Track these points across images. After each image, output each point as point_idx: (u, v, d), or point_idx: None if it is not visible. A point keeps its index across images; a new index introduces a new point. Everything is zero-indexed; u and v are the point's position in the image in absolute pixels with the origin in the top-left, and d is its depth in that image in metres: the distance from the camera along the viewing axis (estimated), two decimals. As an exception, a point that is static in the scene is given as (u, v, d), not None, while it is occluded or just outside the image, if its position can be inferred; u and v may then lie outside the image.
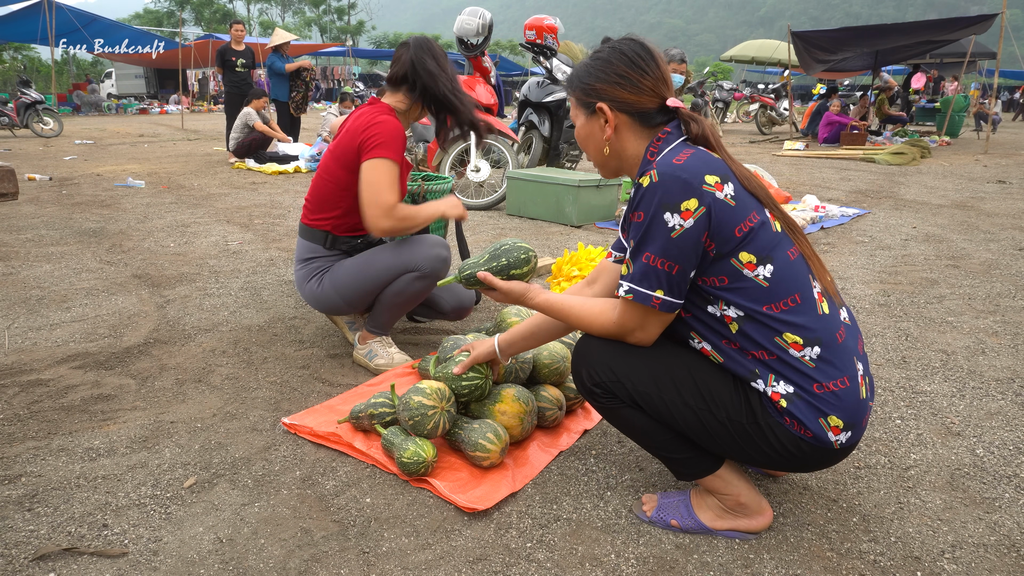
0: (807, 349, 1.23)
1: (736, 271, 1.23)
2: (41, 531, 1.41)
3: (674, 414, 1.31)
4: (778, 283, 1.23)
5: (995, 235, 4.58)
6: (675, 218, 1.19)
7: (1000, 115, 17.81)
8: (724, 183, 1.22)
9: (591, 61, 1.36)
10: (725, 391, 1.28)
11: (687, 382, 1.30)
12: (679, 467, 1.39)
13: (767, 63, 17.85)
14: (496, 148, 5.40)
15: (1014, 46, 13.35)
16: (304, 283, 2.24)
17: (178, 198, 5.72)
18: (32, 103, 12.49)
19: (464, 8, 5.30)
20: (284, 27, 50.63)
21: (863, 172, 8.27)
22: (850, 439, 1.25)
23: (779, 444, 1.25)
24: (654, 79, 1.32)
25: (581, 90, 1.37)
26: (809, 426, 1.23)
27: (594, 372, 1.36)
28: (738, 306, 1.25)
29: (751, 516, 1.40)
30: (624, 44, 1.34)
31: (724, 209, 1.21)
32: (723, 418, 1.27)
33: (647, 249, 1.23)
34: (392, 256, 2.12)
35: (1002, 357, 2.44)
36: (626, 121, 1.35)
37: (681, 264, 1.22)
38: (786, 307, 1.23)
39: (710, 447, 1.33)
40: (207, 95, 27.40)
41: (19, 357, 2.32)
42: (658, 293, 1.23)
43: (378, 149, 2.01)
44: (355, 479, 1.62)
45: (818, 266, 1.31)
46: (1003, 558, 1.37)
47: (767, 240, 1.24)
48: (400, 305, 2.18)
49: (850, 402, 1.24)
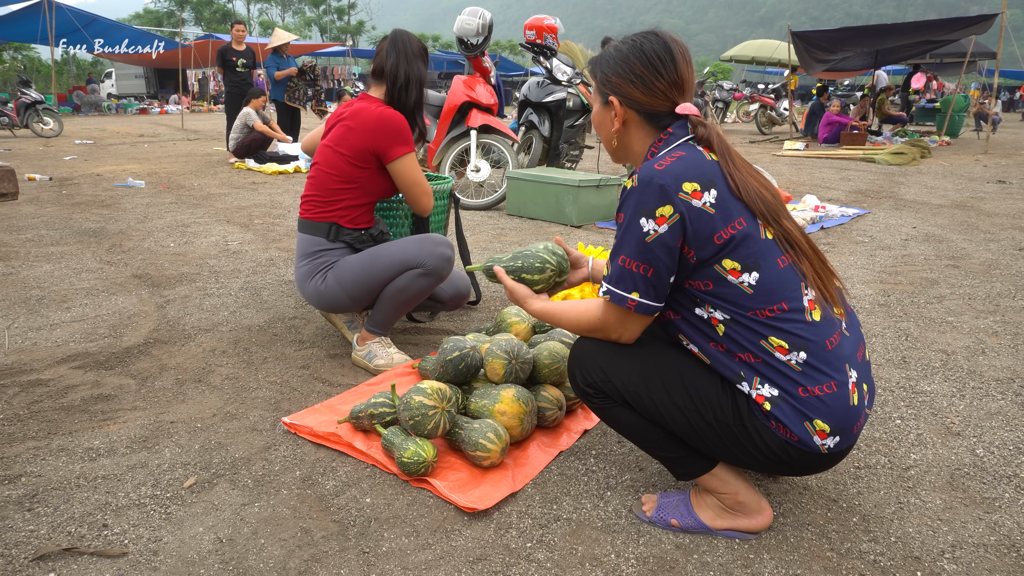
0: (792, 353, 1.22)
1: (720, 277, 1.24)
2: (41, 531, 1.41)
3: (663, 413, 1.32)
4: (763, 290, 1.23)
5: (995, 235, 4.58)
6: (650, 223, 1.21)
7: (1000, 115, 17.81)
8: (705, 190, 1.22)
9: (615, 51, 1.36)
10: (712, 391, 1.28)
11: (676, 382, 1.31)
12: (674, 466, 1.40)
13: (767, 63, 17.85)
14: (496, 148, 5.40)
15: (1014, 46, 13.35)
16: (307, 280, 2.23)
17: (178, 198, 5.72)
18: (32, 103, 12.49)
19: (464, 8, 5.30)
20: (284, 27, 50.62)
21: (863, 172, 8.27)
22: (839, 444, 1.24)
23: (766, 447, 1.25)
24: (668, 82, 1.31)
25: (600, 79, 1.39)
26: (794, 430, 1.22)
27: (587, 373, 1.39)
28: (724, 310, 1.25)
29: (751, 515, 1.40)
30: (647, 41, 1.32)
31: (700, 217, 1.21)
32: (710, 419, 1.28)
33: (623, 252, 1.25)
34: (397, 252, 2.13)
35: (1002, 357, 2.44)
36: (635, 118, 1.36)
37: (656, 268, 1.23)
38: (771, 313, 1.23)
39: (700, 448, 1.34)
40: (207, 95, 27.41)
41: (19, 357, 2.32)
42: (633, 295, 1.25)
43: (400, 147, 2.16)
44: (355, 479, 1.62)
45: (818, 273, 1.29)
46: (1003, 558, 1.37)
47: (752, 248, 1.23)
48: (402, 303, 2.18)
49: (837, 407, 1.22)
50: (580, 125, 6.20)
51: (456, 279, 2.40)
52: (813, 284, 1.27)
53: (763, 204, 1.26)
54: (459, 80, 5.40)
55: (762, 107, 15.42)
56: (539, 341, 2.06)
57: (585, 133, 6.45)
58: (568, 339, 2.03)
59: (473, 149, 5.25)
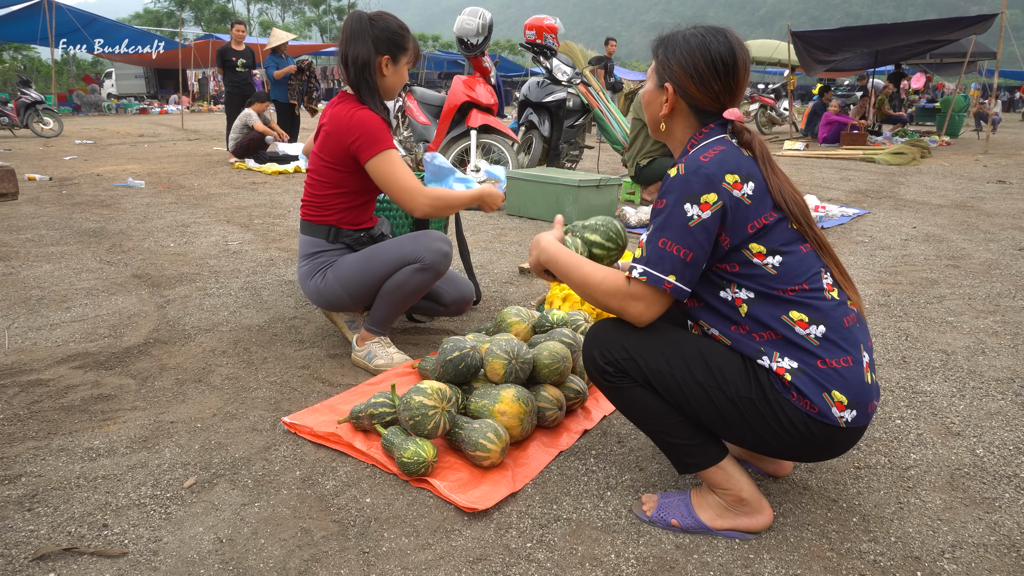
0: (812, 327, 1.28)
1: (747, 260, 1.30)
2: (41, 531, 1.41)
3: (685, 393, 1.33)
4: (786, 271, 1.30)
5: (995, 235, 4.58)
6: (694, 209, 1.27)
7: (1000, 115, 17.80)
8: (744, 182, 1.29)
9: (683, 41, 1.37)
10: (734, 368, 1.32)
11: (697, 360, 1.33)
12: (683, 455, 1.40)
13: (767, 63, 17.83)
14: (496, 148, 5.40)
15: (1014, 46, 13.36)
16: (307, 279, 2.25)
17: (178, 198, 5.72)
18: (32, 103, 12.50)
19: (464, 8, 5.30)
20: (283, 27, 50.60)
21: (863, 172, 8.27)
22: (856, 419, 1.28)
23: (789, 423, 1.28)
24: (723, 87, 1.35)
25: (661, 61, 1.41)
26: (814, 400, 1.26)
27: (607, 351, 1.38)
28: (749, 288, 1.31)
29: (752, 514, 1.40)
30: (716, 41, 1.35)
31: (739, 206, 1.28)
32: (732, 395, 1.30)
33: (665, 235, 1.28)
34: (395, 248, 2.13)
35: (1002, 357, 2.44)
36: (683, 108, 1.40)
37: (695, 252, 1.28)
38: (793, 292, 1.30)
39: (721, 431, 1.35)
40: (207, 95, 27.40)
41: (19, 357, 2.32)
42: (670, 278, 1.29)
43: (373, 146, 2.07)
44: (355, 479, 1.62)
45: (838, 267, 1.37)
46: (1003, 558, 1.37)
47: (779, 235, 1.31)
48: (400, 300, 2.17)
49: (854, 381, 1.27)
50: (580, 125, 6.20)
51: (459, 284, 2.39)
52: (834, 270, 1.35)
53: (796, 207, 1.33)
54: (459, 80, 5.40)
55: (762, 107, 15.40)
56: (539, 341, 2.06)
57: (585, 133, 6.46)
58: (568, 339, 2.03)
59: (473, 149, 5.25)
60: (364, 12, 2.14)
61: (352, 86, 2.14)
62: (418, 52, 2.24)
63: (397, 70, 2.17)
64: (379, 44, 2.11)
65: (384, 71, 2.14)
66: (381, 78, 2.15)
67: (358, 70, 2.10)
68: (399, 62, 2.17)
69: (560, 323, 2.19)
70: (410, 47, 2.18)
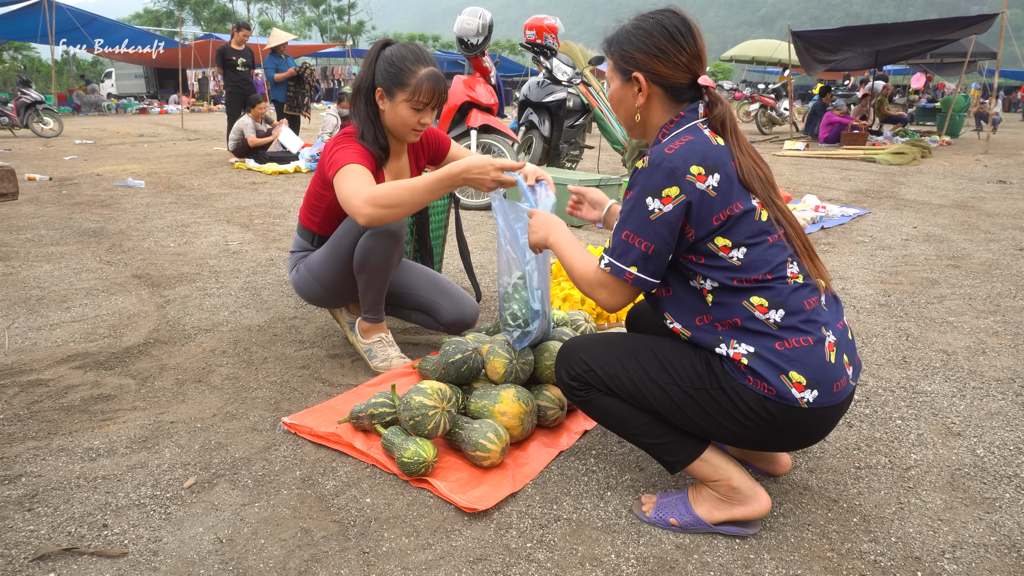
0: (771, 312, 1.29)
1: (712, 252, 1.31)
2: (41, 531, 1.41)
3: (644, 392, 1.37)
4: (751, 263, 1.30)
5: (995, 235, 4.58)
6: (655, 203, 1.29)
7: (1000, 115, 17.80)
8: (709, 174, 1.29)
9: (633, 29, 1.40)
10: (687, 361, 1.35)
11: (651, 360, 1.38)
12: (663, 453, 1.42)
13: (767, 63, 17.85)
14: (496, 148, 5.40)
15: (1014, 46, 13.36)
16: (290, 274, 2.36)
17: (178, 198, 5.72)
18: (32, 103, 12.50)
19: (464, 8, 5.30)
20: (283, 27, 50.62)
21: (863, 172, 8.27)
22: (818, 399, 1.27)
23: (747, 407, 1.28)
24: (690, 55, 1.37)
25: (620, 56, 1.42)
26: (771, 381, 1.26)
27: (570, 367, 1.45)
28: (713, 279, 1.33)
29: (747, 502, 1.40)
30: (666, 17, 1.38)
31: (703, 198, 1.29)
32: (688, 388, 1.33)
33: (627, 228, 1.32)
34: (350, 228, 2.14)
35: (1002, 357, 2.44)
36: (658, 93, 1.41)
37: (657, 245, 1.30)
38: (755, 281, 1.30)
39: (685, 425, 1.37)
40: (207, 95, 27.40)
41: (19, 357, 2.32)
42: (632, 269, 1.32)
43: (331, 169, 1.97)
44: (355, 479, 1.62)
45: (807, 248, 1.36)
46: (1003, 558, 1.37)
47: (745, 228, 1.31)
48: (372, 272, 2.13)
49: (812, 361, 1.27)
50: (580, 125, 6.20)
51: (461, 303, 2.31)
52: (802, 256, 1.35)
53: (760, 184, 1.34)
54: (459, 80, 5.40)
55: (762, 107, 15.39)
56: (539, 341, 2.05)
57: (585, 133, 6.45)
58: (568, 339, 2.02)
59: (473, 149, 5.25)
60: (387, 40, 2.12)
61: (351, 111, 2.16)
62: (433, 94, 2.02)
63: (393, 106, 2.03)
64: (378, 74, 2.04)
65: (380, 103, 2.06)
66: (380, 110, 2.08)
67: (355, 93, 2.13)
68: (395, 98, 2.01)
69: (560, 323, 2.19)
70: (411, 84, 1.99)
